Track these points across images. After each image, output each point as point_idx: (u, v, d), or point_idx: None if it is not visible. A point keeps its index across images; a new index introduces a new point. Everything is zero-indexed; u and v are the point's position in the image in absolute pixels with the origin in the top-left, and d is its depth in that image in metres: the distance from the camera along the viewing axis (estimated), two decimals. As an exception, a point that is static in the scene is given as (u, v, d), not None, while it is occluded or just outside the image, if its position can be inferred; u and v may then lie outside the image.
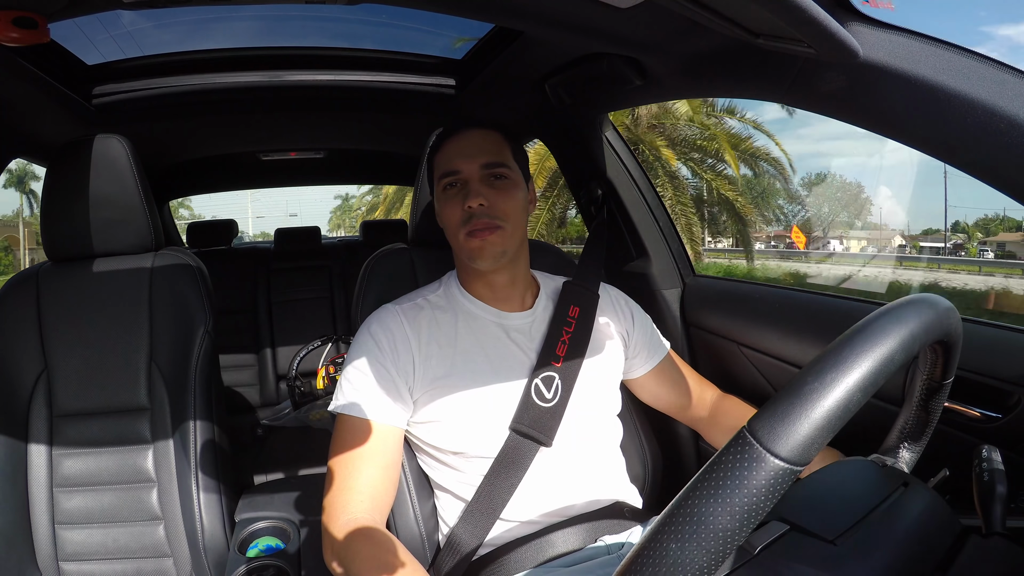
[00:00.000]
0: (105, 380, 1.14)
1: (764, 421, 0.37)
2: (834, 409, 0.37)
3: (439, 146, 0.92)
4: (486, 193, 0.85)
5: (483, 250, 0.86)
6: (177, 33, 1.38)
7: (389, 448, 0.83)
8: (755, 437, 0.36)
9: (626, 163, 1.40)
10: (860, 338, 0.40)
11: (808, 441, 0.36)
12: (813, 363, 0.39)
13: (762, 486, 0.35)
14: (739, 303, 1.26)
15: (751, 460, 0.36)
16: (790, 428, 0.36)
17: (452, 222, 0.87)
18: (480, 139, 0.89)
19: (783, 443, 0.36)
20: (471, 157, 0.87)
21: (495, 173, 0.88)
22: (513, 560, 0.82)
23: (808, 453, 0.36)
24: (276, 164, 2.38)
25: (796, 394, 0.37)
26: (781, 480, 0.35)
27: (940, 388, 0.56)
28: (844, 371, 0.38)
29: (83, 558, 1.10)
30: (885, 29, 0.63)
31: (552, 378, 0.89)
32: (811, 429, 0.36)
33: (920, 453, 0.60)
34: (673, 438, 1.30)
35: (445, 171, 0.89)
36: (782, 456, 0.35)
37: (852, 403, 0.37)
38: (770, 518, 0.47)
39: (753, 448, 0.36)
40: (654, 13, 0.74)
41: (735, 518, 0.35)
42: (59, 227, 1.13)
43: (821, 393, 0.37)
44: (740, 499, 0.35)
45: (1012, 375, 0.76)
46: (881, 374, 0.39)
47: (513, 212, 0.88)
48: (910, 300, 0.45)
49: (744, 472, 0.35)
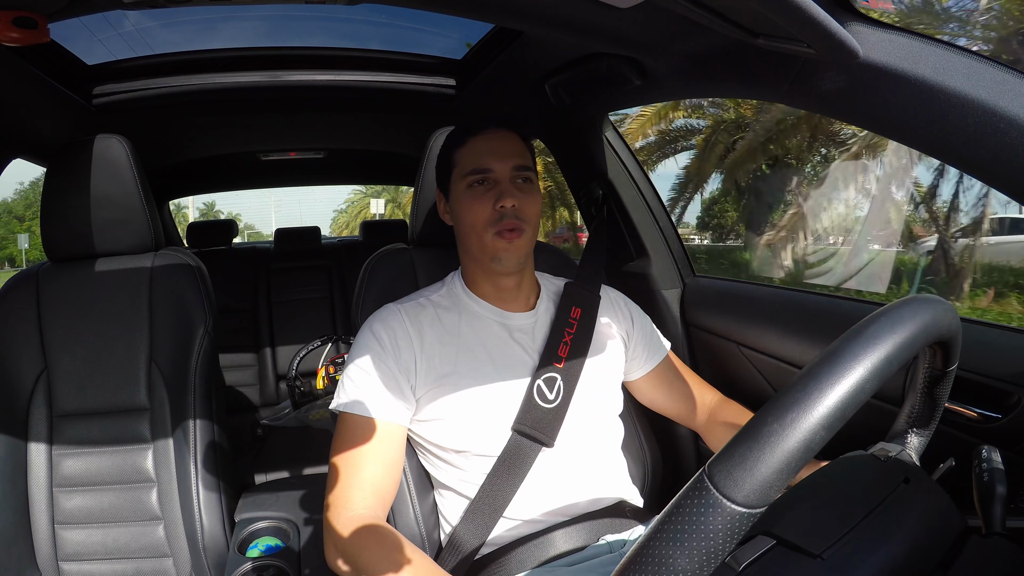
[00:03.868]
0: (105, 380, 1.14)
1: (721, 465, 0.37)
2: (794, 451, 0.36)
3: (463, 141, 0.90)
4: (516, 194, 0.86)
5: (509, 251, 0.86)
6: (178, 33, 1.38)
7: (392, 446, 0.83)
8: (712, 482, 0.36)
9: (626, 163, 1.40)
10: (826, 368, 0.38)
11: (766, 485, 0.36)
12: (774, 400, 0.38)
13: (718, 530, 0.35)
14: (739, 303, 1.26)
15: (707, 505, 0.36)
16: (746, 473, 0.36)
17: (478, 220, 0.86)
18: (510, 140, 0.89)
19: (739, 488, 0.35)
20: (504, 157, 0.87)
21: (524, 176, 0.88)
22: (515, 559, 0.82)
23: (766, 496, 0.36)
24: (276, 164, 2.38)
25: (755, 437, 0.37)
26: (738, 524, 0.35)
27: (944, 376, 0.55)
28: (806, 409, 0.37)
29: (83, 558, 1.10)
30: (885, 29, 0.63)
31: (554, 379, 0.89)
32: (769, 473, 0.36)
33: (929, 437, 0.59)
34: (673, 439, 1.30)
35: (474, 168, 0.87)
36: (738, 501, 0.35)
37: (815, 442, 0.36)
38: (755, 532, 0.46)
39: (710, 493, 0.36)
40: (654, 13, 0.74)
41: (694, 560, 0.35)
42: (59, 227, 1.13)
43: (780, 435, 0.36)
44: (698, 543, 0.35)
45: (1012, 375, 0.76)
46: (851, 406, 0.37)
47: (535, 215, 0.89)
48: (887, 311, 0.42)
49: (701, 517, 0.35)
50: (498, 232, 0.85)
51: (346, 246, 2.71)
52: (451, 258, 1.00)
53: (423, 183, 1.02)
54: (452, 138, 0.93)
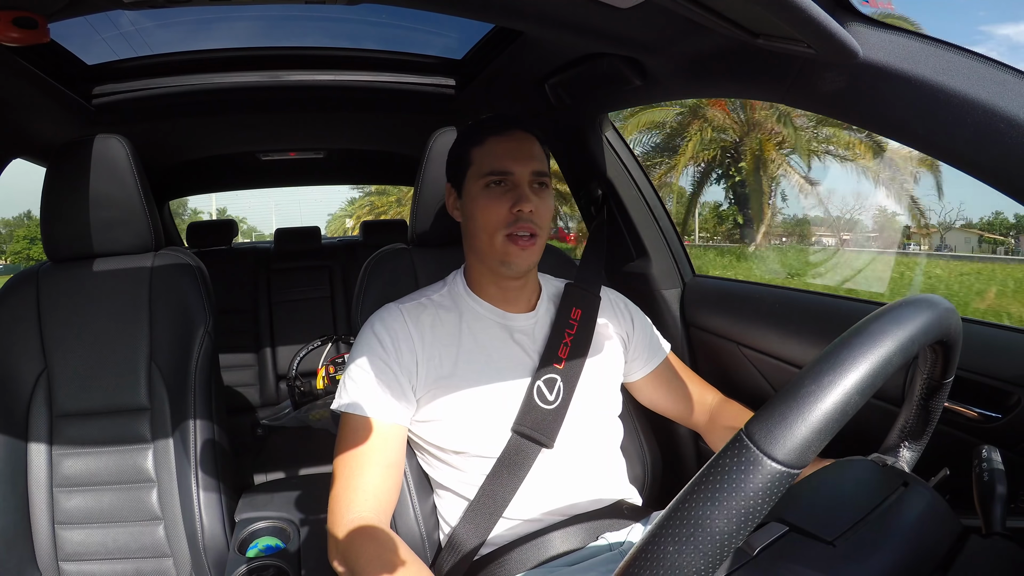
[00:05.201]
0: (105, 380, 1.14)
1: (761, 424, 0.37)
2: (831, 412, 0.37)
3: (482, 140, 0.89)
4: (533, 200, 0.85)
5: (521, 257, 0.86)
6: (177, 33, 1.38)
7: (392, 446, 0.83)
8: (752, 440, 0.36)
9: (626, 163, 1.40)
10: (858, 340, 0.40)
11: (805, 444, 0.36)
12: (811, 365, 0.39)
13: (759, 489, 0.35)
14: (739, 303, 1.26)
15: (748, 463, 0.35)
16: (787, 431, 0.36)
17: (493, 221, 0.86)
18: (530, 143, 0.89)
19: (780, 446, 0.36)
20: (524, 161, 0.87)
21: (540, 180, 0.88)
22: (515, 559, 0.82)
23: (805, 456, 0.36)
24: (276, 164, 2.38)
25: (793, 397, 0.37)
26: (778, 483, 0.35)
27: (940, 387, 0.55)
28: (841, 373, 0.38)
29: (83, 558, 1.10)
30: (885, 29, 0.63)
31: (554, 380, 0.89)
32: (808, 432, 0.36)
33: (921, 452, 0.59)
34: (673, 439, 1.30)
35: (494, 169, 0.86)
36: (779, 459, 0.35)
37: (850, 405, 0.37)
38: (769, 519, 0.47)
39: (750, 451, 0.36)
40: (654, 13, 0.74)
41: (732, 521, 0.35)
42: (59, 227, 1.13)
43: (818, 396, 0.37)
44: (737, 502, 0.35)
45: (1012, 375, 0.76)
46: (879, 376, 0.39)
47: (549, 221, 0.89)
48: (909, 301, 0.45)
49: (741, 475, 0.35)
50: (510, 236, 0.85)
51: (346, 246, 2.71)
52: (451, 258, 1.00)
53: (423, 183, 1.02)
54: (470, 135, 0.91)
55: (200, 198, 36.85)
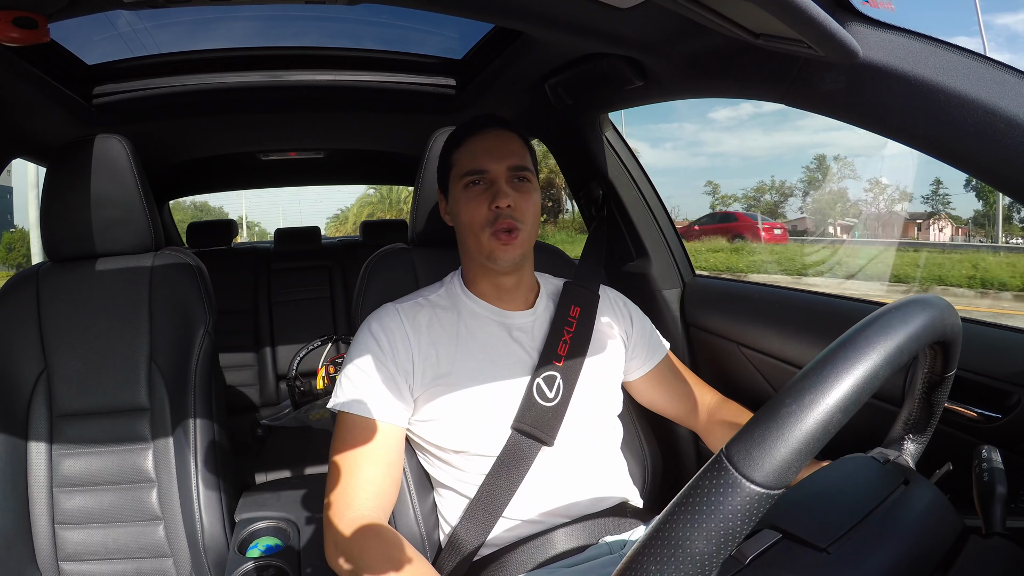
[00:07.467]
0: (105, 380, 1.14)
1: (741, 445, 0.36)
2: (812, 432, 0.36)
3: (460, 142, 0.91)
4: (511, 195, 0.86)
5: (506, 251, 0.86)
6: (177, 33, 1.38)
7: (391, 446, 0.83)
8: (731, 462, 0.36)
9: (626, 163, 1.40)
10: (842, 354, 0.39)
11: (785, 466, 0.36)
12: (792, 382, 0.38)
13: (737, 511, 0.35)
14: (739, 303, 1.26)
15: (727, 485, 0.35)
16: (766, 453, 0.36)
17: (475, 220, 0.87)
18: (506, 140, 0.90)
19: (759, 468, 0.35)
20: (500, 158, 0.87)
21: (520, 175, 0.88)
22: (515, 560, 0.82)
23: (785, 477, 0.36)
24: (276, 164, 2.38)
25: (773, 417, 0.37)
26: (757, 505, 0.35)
27: (942, 381, 0.55)
28: (823, 392, 0.37)
29: (83, 558, 1.10)
30: (885, 29, 0.63)
31: (554, 378, 0.89)
32: (788, 453, 0.36)
33: (925, 444, 0.59)
34: (673, 439, 1.30)
35: (470, 169, 0.88)
36: (757, 481, 0.35)
37: (832, 424, 0.37)
38: (762, 526, 0.46)
39: (729, 473, 0.36)
40: (654, 13, 0.74)
41: (711, 543, 0.35)
42: (59, 227, 1.13)
43: (799, 416, 0.36)
44: (716, 524, 0.35)
45: (1012, 375, 0.76)
46: (865, 392, 0.38)
47: (533, 215, 0.89)
48: (898, 305, 0.44)
49: (719, 497, 0.35)
50: (494, 232, 0.85)
51: (346, 246, 2.70)
52: (451, 258, 1.00)
53: (423, 183, 1.02)
54: (451, 139, 0.94)
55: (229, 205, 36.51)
